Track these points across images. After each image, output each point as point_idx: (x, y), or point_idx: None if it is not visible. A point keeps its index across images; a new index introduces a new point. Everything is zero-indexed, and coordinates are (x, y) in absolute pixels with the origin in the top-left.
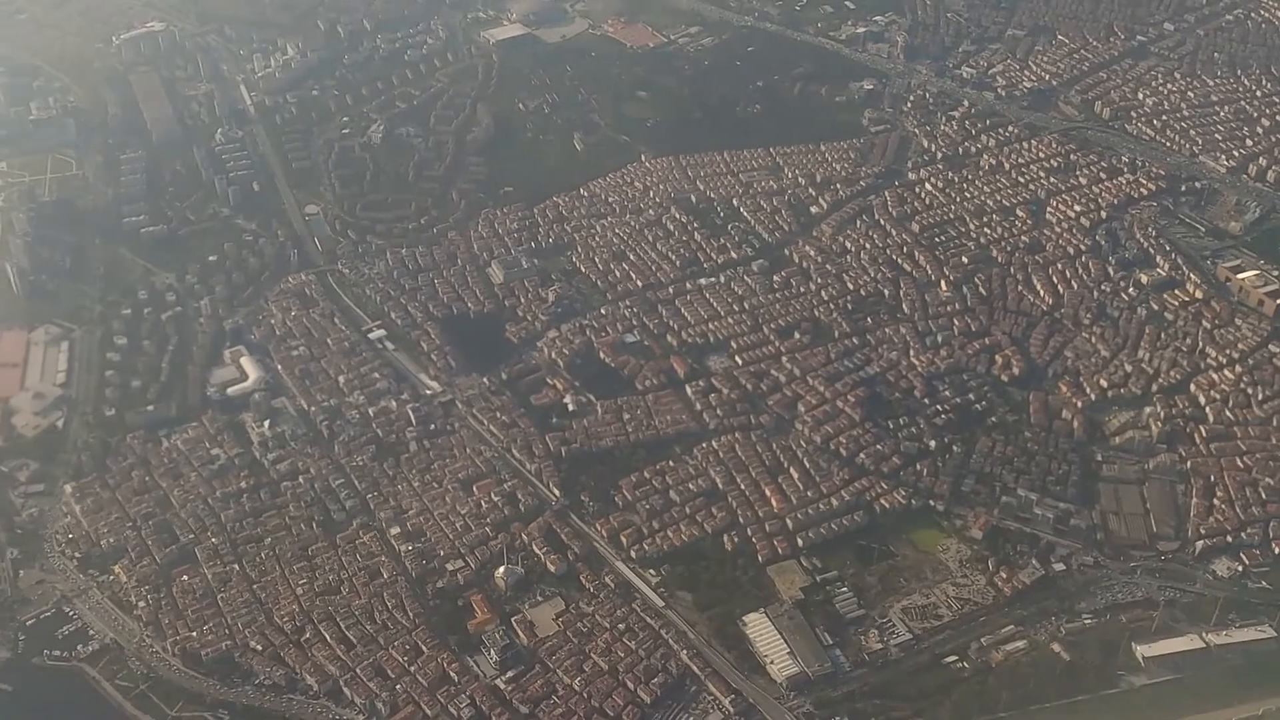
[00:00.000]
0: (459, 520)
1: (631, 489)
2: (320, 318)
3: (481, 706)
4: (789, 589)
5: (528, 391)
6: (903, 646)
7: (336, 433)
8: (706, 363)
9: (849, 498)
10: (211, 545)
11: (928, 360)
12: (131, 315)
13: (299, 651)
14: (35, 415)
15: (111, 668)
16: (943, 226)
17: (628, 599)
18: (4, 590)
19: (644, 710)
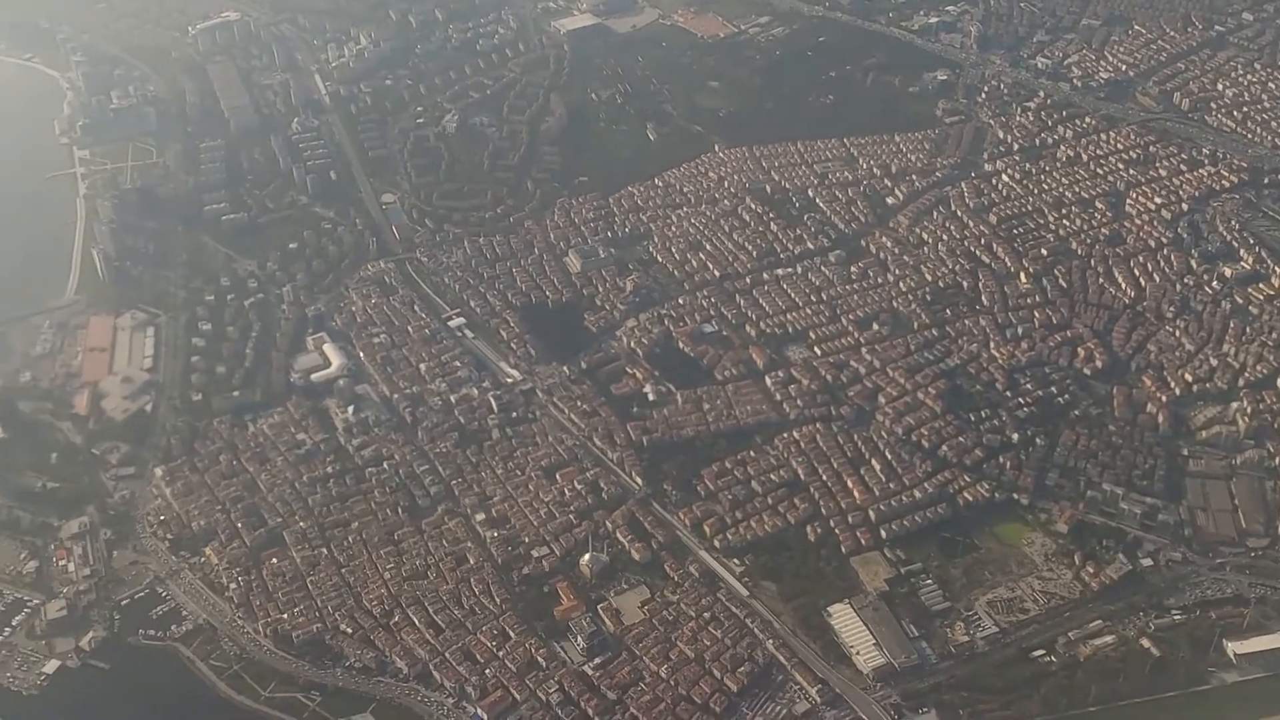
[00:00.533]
0: (543, 507)
1: (713, 478)
2: (400, 305)
3: (570, 692)
4: (873, 580)
5: (607, 380)
6: (989, 639)
7: (419, 419)
8: (785, 353)
9: (932, 490)
10: (299, 529)
11: (1008, 353)
12: (215, 301)
13: (388, 635)
14: (124, 399)
15: (205, 648)
16: (1021, 218)
17: (712, 588)
18: (99, 570)
19: (731, 699)
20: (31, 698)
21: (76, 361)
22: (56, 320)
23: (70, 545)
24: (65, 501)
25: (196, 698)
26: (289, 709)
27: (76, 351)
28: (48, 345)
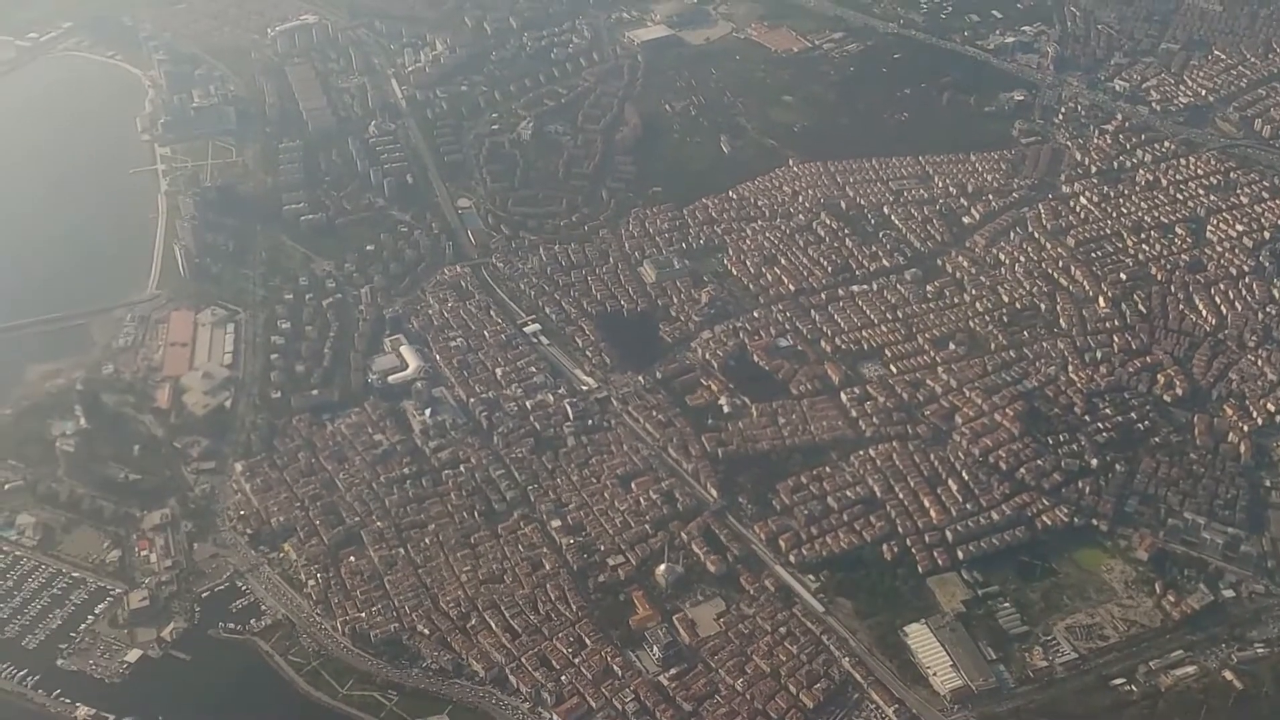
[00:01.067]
0: (618, 516)
1: (789, 493)
2: (476, 310)
3: (645, 702)
4: (950, 601)
5: (682, 391)
6: (1068, 665)
7: (495, 424)
8: (860, 370)
9: (1010, 512)
10: (377, 529)
11: (1087, 376)
12: (293, 300)
13: (465, 637)
14: (205, 394)
15: (284, 643)
16: (1099, 242)
17: (788, 603)
18: (181, 562)
19: (806, 715)
20: (114, 686)
21: (158, 355)
22: (138, 314)
23: (152, 536)
24: (147, 493)
25: (276, 692)
26: (366, 707)
27: (158, 345)
28: (129, 338)
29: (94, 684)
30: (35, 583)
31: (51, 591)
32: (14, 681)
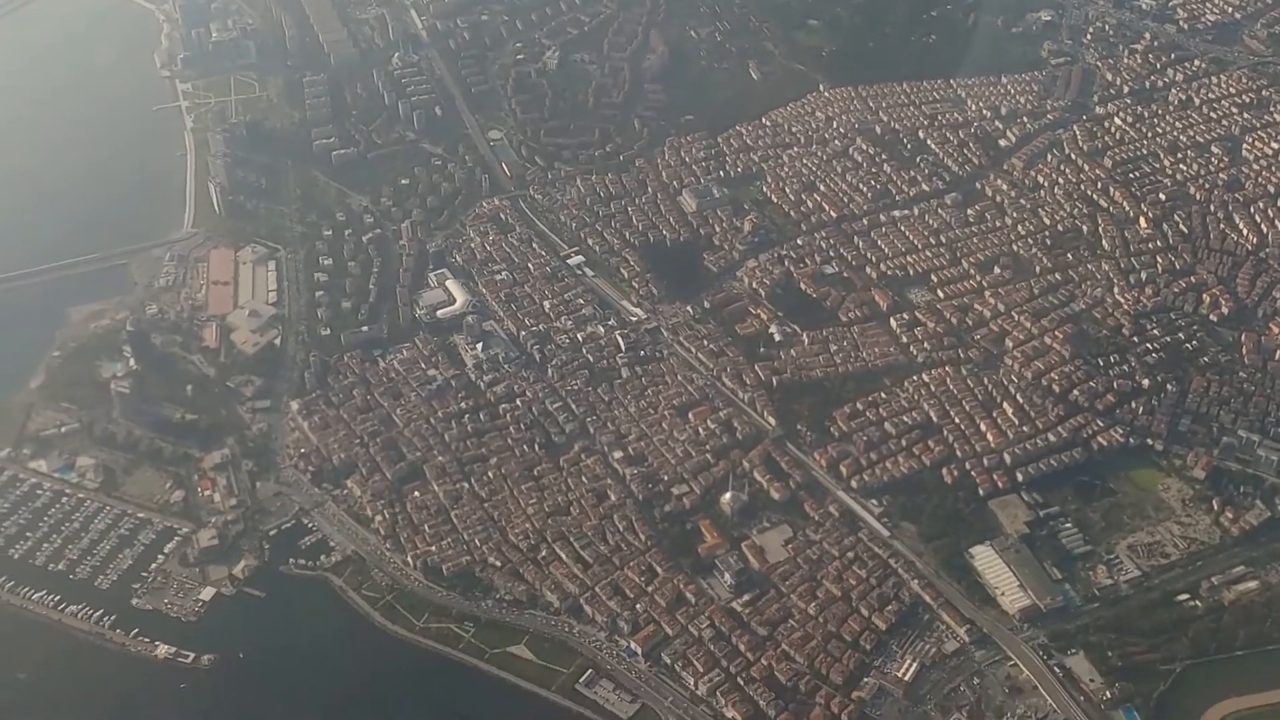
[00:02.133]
0: (679, 446)
1: (846, 420)
2: (519, 242)
3: (721, 628)
4: (1012, 523)
5: (731, 320)
6: (1132, 583)
7: (548, 357)
8: (908, 295)
9: (1066, 434)
10: (439, 464)
11: (1133, 298)
12: (332, 236)
13: (537, 569)
14: (253, 333)
15: (356, 578)
16: (1136, 162)
17: (853, 528)
18: (245, 501)
19: (880, 637)
20: (190, 624)
21: (201, 294)
22: (177, 253)
23: (214, 476)
24: (205, 433)
25: (353, 627)
26: (444, 639)
27: (200, 284)
28: (170, 278)
29: (170, 622)
30: (101, 524)
31: (119, 532)
32: (90, 621)
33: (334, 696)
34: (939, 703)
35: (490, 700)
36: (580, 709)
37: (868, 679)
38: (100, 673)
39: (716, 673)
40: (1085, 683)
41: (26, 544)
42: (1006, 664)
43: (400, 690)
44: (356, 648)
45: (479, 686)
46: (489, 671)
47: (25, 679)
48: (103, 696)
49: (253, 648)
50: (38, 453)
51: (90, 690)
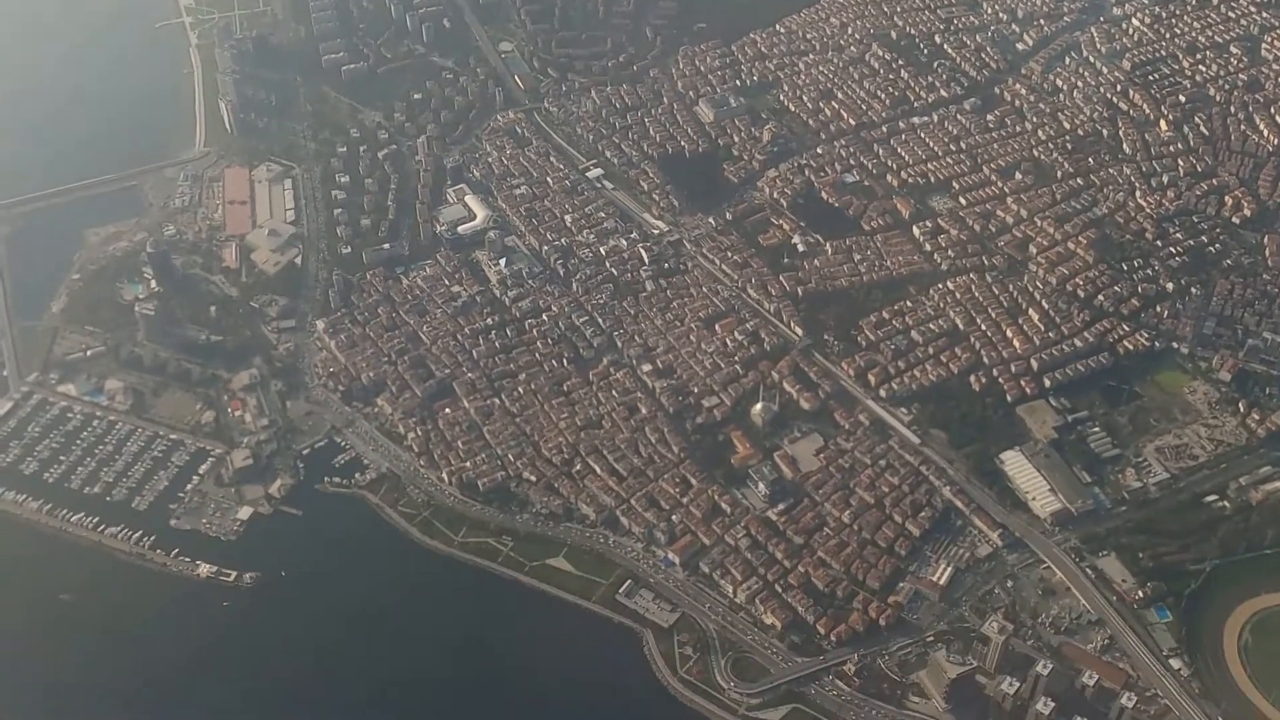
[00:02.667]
0: (707, 358)
1: (872, 329)
2: (536, 156)
3: (757, 537)
4: (1041, 428)
5: (754, 231)
6: (1161, 485)
7: (572, 271)
8: (930, 203)
9: (1092, 339)
10: (468, 380)
11: (1155, 202)
12: (347, 153)
13: (572, 483)
14: (273, 252)
15: (392, 495)
16: (1155, 64)
17: (884, 436)
18: (277, 421)
19: (914, 543)
20: (230, 543)
21: (218, 214)
22: (190, 173)
23: (243, 396)
24: (231, 354)
25: (392, 542)
26: (483, 553)
27: (216, 204)
28: (186, 198)
29: (209, 542)
30: (134, 446)
31: (152, 454)
32: (130, 543)
33: (376, 611)
34: (974, 605)
35: (532, 612)
36: (621, 619)
37: (903, 584)
38: (142, 592)
39: (754, 581)
40: (1117, 584)
41: (61, 468)
42: (1039, 567)
43: (441, 604)
44: (396, 563)
45: (520, 599)
46: (529, 584)
47: (69, 599)
48: (146, 616)
49: (294, 565)
50: (65, 377)
51: (134, 610)
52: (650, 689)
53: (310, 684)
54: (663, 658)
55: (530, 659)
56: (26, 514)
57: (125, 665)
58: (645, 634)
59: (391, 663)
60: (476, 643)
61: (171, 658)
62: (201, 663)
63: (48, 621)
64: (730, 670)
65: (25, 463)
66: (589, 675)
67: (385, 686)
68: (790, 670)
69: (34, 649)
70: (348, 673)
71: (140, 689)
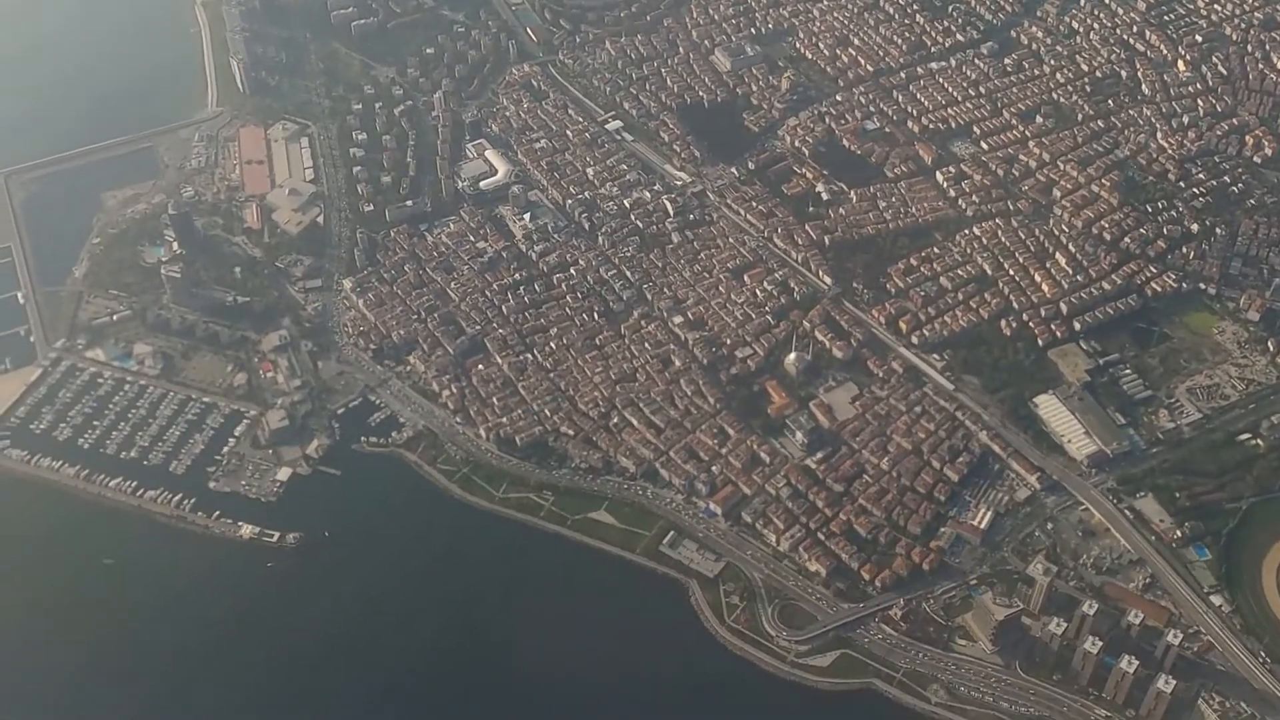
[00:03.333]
0: (738, 309)
1: (901, 276)
2: (554, 109)
3: (797, 485)
4: (1073, 372)
5: (777, 180)
6: (1194, 425)
7: (597, 225)
8: (951, 149)
9: (1120, 282)
10: (499, 336)
11: (1177, 143)
12: (363, 110)
13: (610, 436)
14: (295, 212)
15: (430, 452)
16: (1170, 4)
17: (918, 383)
18: (309, 381)
19: (953, 488)
20: (270, 504)
21: (235, 174)
22: (205, 133)
23: (274, 358)
24: (259, 315)
25: (432, 500)
26: (525, 508)
27: (233, 164)
28: (201, 159)
29: (250, 503)
30: (167, 410)
31: (186, 417)
32: (171, 506)
33: (421, 568)
34: (1015, 548)
35: (576, 565)
36: (666, 570)
37: (944, 529)
38: (185, 555)
39: (797, 529)
40: (1155, 524)
41: (95, 433)
42: (1078, 509)
43: (486, 560)
44: (438, 520)
45: (564, 553)
46: (572, 538)
47: (112, 564)
48: (191, 578)
49: (336, 525)
50: (93, 341)
51: (178, 572)
52: (699, 638)
53: (358, 641)
54: (710, 607)
55: (577, 612)
56: (64, 480)
57: (173, 627)
58: (691, 584)
59: (439, 619)
60: (523, 597)
61: (219, 619)
62: (248, 623)
63: (92, 586)
64: (777, 618)
65: (59, 429)
66: (637, 626)
67: (433, 642)
68: (837, 616)
69: (80, 613)
70: (395, 630)
71: (188, 650)
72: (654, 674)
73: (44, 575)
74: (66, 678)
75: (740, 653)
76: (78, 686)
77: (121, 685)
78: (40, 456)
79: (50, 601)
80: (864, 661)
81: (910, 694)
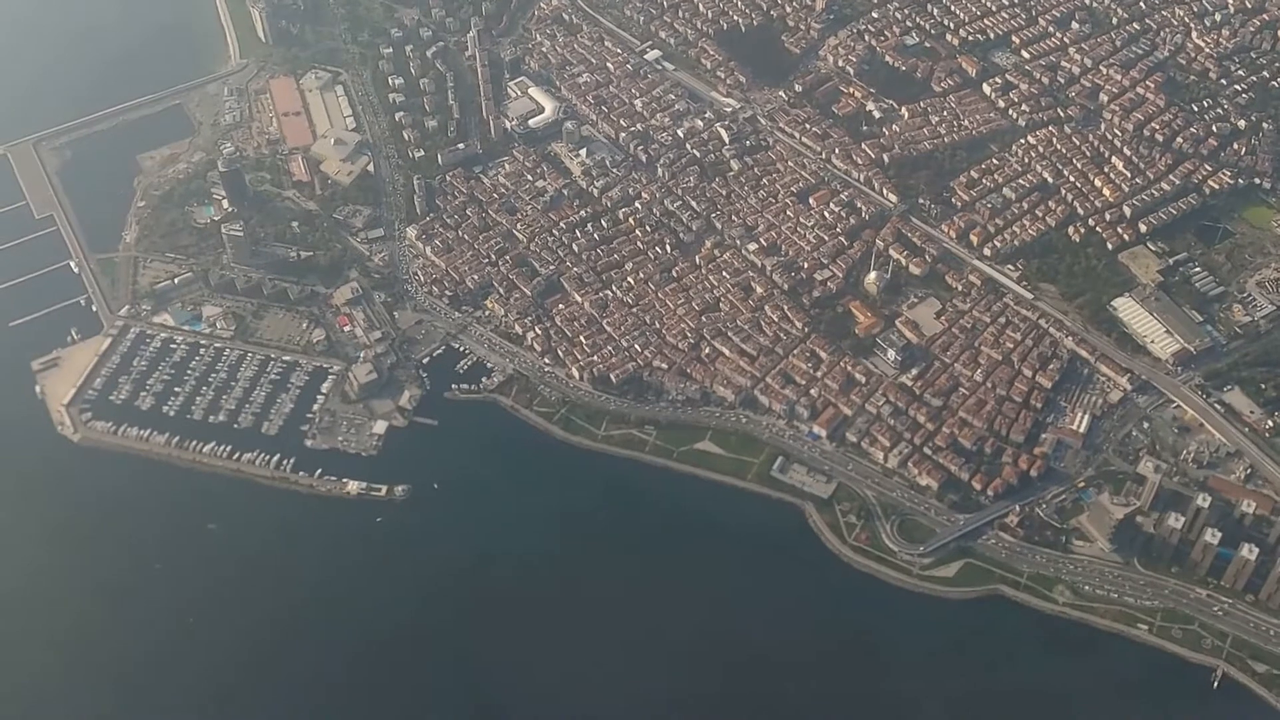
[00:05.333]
0: (809, 232)
1: (965, 189)
2: (590, 42)
3: (896, 403)
4: (1145, 273)
5: (826, 101)
6: (1269, 318)
7: (655, 156)
8: (993, 59)
9: (1177, 181)
10: (575, 274)
11: (1213, 41)
12: (394, 54)
13: (703, 367)
14: (343, 162)
15: (525, 396)
16: None
17: (997, 294)
18: (389, 333)
19: (1047, 395)
20: (371, 459)
21: (274, 128)
22: (233, 86)
23: (349, 311)
24: (326, 269)
25: (535, 443)
26: (629, 444)
27: (270, 117)
28: (235, 114)
29: (349, 459)
30: (249, 371)
31: (269, 377)
32: (270, 467)
33: (537, 512)
34: (1116, 449)
35: (691, 497)
36: (780, 495)
37: (1045, 435)
38: (291, 515)
39: (903, 445)
40: (1246, 415)
41: (178, 399)
42: (1170, 407)
43: (598, 498)
44: (545, 463)
45: (675, 485)
46: (681, 470)
47: (216, 529)
48: (300, 538)
49: (442, 475)
50: (158, 306)
51: (287, 532)
52: (823, 559)
53: (488, 587)
54: (829, 528)
55: (701, 543)
56: (155, 449)
57: (291, 587)
58: (806, 507)
59: (565, 561)
60: (644, 535)
61: (333, 577)
62: (365, 580)
63: (201, 553)
64: (897, 533)
65: (139, 398)
66: (761, 552)
67: (567, 583)
68: (955, 528)
69: (193, 581)
70: (524, 573)
71: (309, 605)
72: (785, 598)
73: (149, 546)
74: (204, 649)
75: (866, 570)
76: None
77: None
78: (126, 426)
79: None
80: (987, 569)
81: (1037, 596)
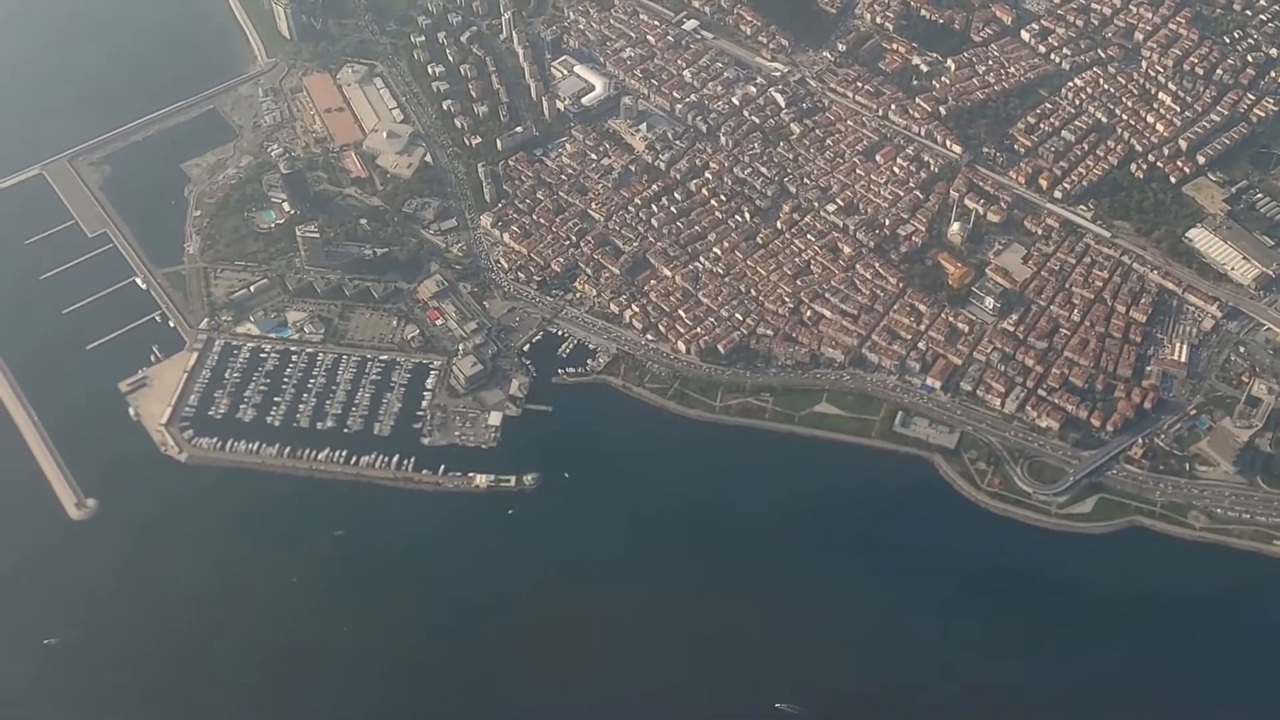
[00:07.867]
0: (884, 188)
1: (1024, 135)
2: (626, 16)
3: (1004, 349)
4: (1212, 203)
5: (871, 59)
6: None
7: (715, 126)
8: (1025, 6)
9: (1225, 112)
10: (660, 249)
11: None
12: (427, 41)
13: (808, 330)
14: (399, 155)
15: (634, 374)
16: None
17: (1078, 235)
18: (484, 323)
19: (1144, 328)
20: (491, 450)
21: (317, 126)
22: (266, 86)
23: (438, 304)
24: (406, 265)
25: (653, 419)
26: (748, 413)
27: (312, 115)
28: (274, 114)
29: (470, 453)
30: (347, 373)
31: (369, 378)
32: (391, 468)
33: (673, 488)
34: (1218, 375)
35: (820, 458)
36: (906, 449)
37: (1149, 367)
38: (419, 514)
39: (1017, 390)
40: None
41: (280, 408)
42: (1261, 329)
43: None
44: (667, 438)
45: (802, 449)
46: (805, 433)
47: (343, 535)
48: (434, 536)
49: (569, 460)
50: (239, 316)
51: (419, 533)
52: (960, 507)
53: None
54: (961, 477)
55: (839, 502)
56: (267, 461)
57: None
58: (935, 458)
59: (709, 532)
60: (783, 497)
61: (473, 573)
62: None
63: (334, 561)
64: (1029, 475)
65: (240, 410)
66: (898, 506)
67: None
68: (1084, 465)
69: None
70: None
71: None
72: (933, 549)
73: (281, 559)
74: (361, 655)
75: (1005, 514)
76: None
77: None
78: (233, 440)
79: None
80: (1122, 502)
81: (1173, 524)
